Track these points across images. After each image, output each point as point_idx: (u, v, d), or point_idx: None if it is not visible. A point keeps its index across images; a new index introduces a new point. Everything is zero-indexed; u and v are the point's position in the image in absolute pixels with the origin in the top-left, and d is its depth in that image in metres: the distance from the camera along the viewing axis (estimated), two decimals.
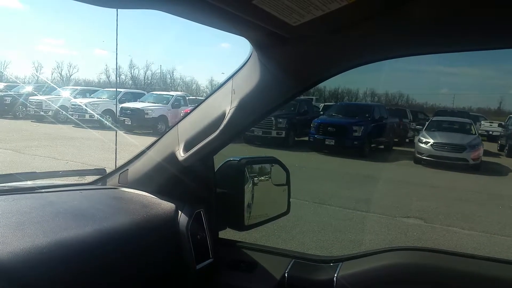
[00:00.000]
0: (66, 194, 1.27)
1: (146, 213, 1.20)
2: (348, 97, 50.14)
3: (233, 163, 1.34)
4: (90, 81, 57.34)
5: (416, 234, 5.86)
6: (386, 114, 17.36)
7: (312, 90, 28.30)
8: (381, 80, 33.03)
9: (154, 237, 1.17)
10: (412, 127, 21.22)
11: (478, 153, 13.22)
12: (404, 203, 7.63)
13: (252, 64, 1.11)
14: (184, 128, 1.29)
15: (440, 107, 35.33)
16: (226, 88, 1.19)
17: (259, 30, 0.92)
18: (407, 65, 44.31)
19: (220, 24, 0.93)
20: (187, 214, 1.25)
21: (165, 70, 65.46)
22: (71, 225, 1.01)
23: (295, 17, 0.81)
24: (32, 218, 1.00)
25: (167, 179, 1.32)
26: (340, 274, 1.23)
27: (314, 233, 5.55)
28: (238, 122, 1.17)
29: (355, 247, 5.07)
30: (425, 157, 13.34)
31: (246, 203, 1.33)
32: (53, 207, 1.11)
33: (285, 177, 1.49)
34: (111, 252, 1.03)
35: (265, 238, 4.86)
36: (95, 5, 0.74)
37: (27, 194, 1.19)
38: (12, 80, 40.86)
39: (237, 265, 1.32)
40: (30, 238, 0.90)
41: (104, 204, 1.25)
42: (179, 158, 1.24)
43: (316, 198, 7.33)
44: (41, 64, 79.85)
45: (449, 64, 49.84)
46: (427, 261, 1.22)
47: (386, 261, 1.24)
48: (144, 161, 1.37)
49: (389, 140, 16.95)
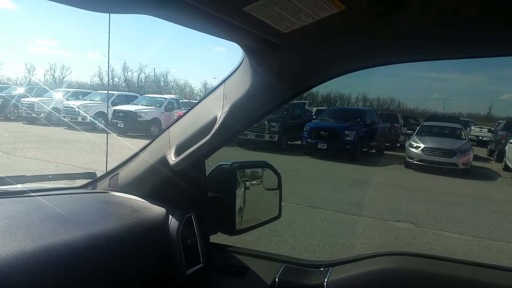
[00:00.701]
0: (56, 198, 1.26)
1: (136, 218, 1.19)
2: (340, 102, 50.43)
3: (225, 167, 1.34)
4: (83, 83, 57.08)
5: (407, 238, 5.89)
6: (378, 119, 17.49)
7: (305, 94, 28.41)
8: (373, 85, 33.31)
9: (144, 242, 1.17)
10: (403, 132, 21.39)
11: (468, 157, 13.36)
12: (395, 207, 7.67)
13: (244, 70, 1.11)
14: (176, 132, 1.29)
15: (431, 112, 35.64)
16: (217, 93, 1.19)
17: (250, 37, 0.93)
18: (399, 71, 44.75)
19: (211, 30, 0.93)
20: (177, 218, 1.25)
21: (158, 73, 65.33)
22: (59, 230, 1.01)
23: (286, 24, 0.82)
24: (20, 223, 0.99)
25: (158, 183, 1.32)
26: (330, 279, 1.24)
27: (306, 237, 5.56)
28: (229, 126, 1.17)
29: (346, 251, 5.09)
30: (416, 162, 13.46)
31: (238, 207, 1.33)
32: (42, 212, 1.10)
33: (276, 182, 1.49)
34: (100, 257, 1.02)
35: (257, 242, 4.86)
36: (87, 9, 0.74)
37: (16, 198, 1.18)
38: (3, 81, 40.51)
39: (228, 269, 1.32)
40: (17, 243, 0.89)
41: (94, 209, 1.24)
42: (170, 162, 1.24)
43: (308, 202, 7.35)
44: (34, 66, 79.31)
45: (441, 70, 50.45)
46: (418, 266, 1.23)
47: (377, 266, 1.24)
48: (135, 165, 1.36)
49: (380, 145, 17.07)
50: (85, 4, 0.73)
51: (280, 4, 0.73)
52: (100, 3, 0.74)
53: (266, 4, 0.73)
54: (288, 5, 0.74)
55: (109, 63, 32.41)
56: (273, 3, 0.73)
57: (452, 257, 1.26)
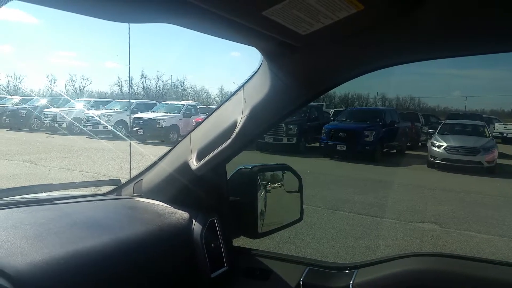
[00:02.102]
0: (82, 205, 1.29)
1: (160, 222, 1.21)
2: (358, 102, 49.90)
3: (245, 171, 1.35)
4: (103, 93, 58.20)
5: (432, 239, 5.78)
6: (398, 118, 17.24)
7: (322, 96, 28.23)
8: (392, 84, 32.85)
9: (168, 246, 1.18)
10: (425, 131, 21.00)
11: (492, 155, 13.02)
12: (418, 208, 7.53)
13: (263, 73, 1.12)
14: (197, 137, 1.30)
15: (452, 110, 34.91)
16: (237, 97, 1.20)
17: (268, 40, 0.93)
18: (418, 69, 43.98)
19: (230, 35, 0.94)
20: (201, 222, 1.26)
21: (176, 80, 65.93)
22: (88, 235, 1.03)
23: (305, 26, 0.82)
24: (49, 229, 1.02)
25: (181, 188, 1.33)
26: (356, 281, 1.22)
27: (328, 240, 5.51)
28: (249, 130, 1.18)
29: (370, 253, 5.01)
30: (439, 161, 13.19)
31: (259, 211, 1.33)
32: (69, 218, 1.13)
33: (297, 184, 1.49)
34: (127, 261, 1.04)
35: (278, 246, 4.84)
36: (107, 20, 0.76)
37: (44, 206, 1.21)
38: (27, 93, 41.69)
39: (252, 273, 1.32)
40: (48, 249, 0.91)
41: (119, 214, 1.27)
42: (192, 167, 1.26)
43: (329, 204, 7.29)
44: (55, 77, 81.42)
45: (461, 67, 49.37)
46: (446, 267, 1.21)
47: (404, 267, 1.22)
48: (158, 171, 1.38)
49: (401, 145, 16.81)
50: (106, 15, 0.75)
51: (299, 6, 0.74)
52: (121, 13, 0.76)
53: (285, 8, 0.74)
54: (306, 7, 0.74)
55: (130, 72, 32.94)
56: (292, 6, 0.73)
57: (480, 257, 1.23)
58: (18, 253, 0.88)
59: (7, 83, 51.61)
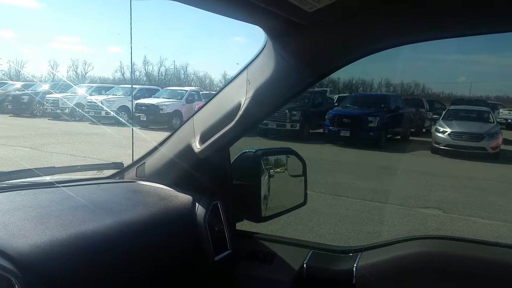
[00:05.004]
0: (85, 188, 1.28)
1: (164, 206, 1.20)
2: (362, 88, 49.55)
3: (249, 154, 1.34)
4: (105, 78, 57.93)
5: (435, 225, 5.79)
6: (402, 104, 17.13)
7: (326, 82, 28.06)
8: (396, 69, 32.54)
9: (172, 229, 1.18)
10: (429, 117, 20.89)
11: (497, 141, 12.96)
12: (422, 193, 7.53)
13: (267, 54, 1.09)
14: (200, 120, 1.28)
15: (457, 96, 34.64)
16: (240, 79, 1.18)
17: (274, 18, 0.91)
18: (423, 54, 43.43)
19: (235, 14, 0.92)
20: (204, 206, 1.25)
21: (178, 66, 65.55)
22: (90, 218, 1.02)
23: (311, 3, 0.80)
24: (51, 212, 1.01)
25: (184, 172, 1.32)
26: (359, 264, 1.22)
27: (331, 225, 5.53)
28: (253, 112, 1.16)
29: (373, 238, 5.03)
30: (443, 147, 13.14)
31: (263, 195, 1.32)
32: (72, 201, 1.12)
33: (301, 168, 1.47)
34: (130, 244, 1.03)
35: (281, 231, 4.86)
36: None
37: (47, 189, 1.20)
38: (29, 79, 41.64)
39: (255, 256, 1.32)
40: (50, 232, 0.91)
41: (122, 197, 1.26)
42: (195, 150, 1.24)
43: (333, 190, 7.30)
44: (57, 62, 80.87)
45: (467, 52, 48.65)
46: (449, 249, 1.20)
47: (408, 250, 1.22)
48: (161, 154, 1.37)
49: (405, 130, 16.74)
50: None
51: None
52: None
53: None
54: None
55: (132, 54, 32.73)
56: None
57: (484, 240, 1.23)
58: (20, 235, 0.87)
59: (9, 68, 51.43)
